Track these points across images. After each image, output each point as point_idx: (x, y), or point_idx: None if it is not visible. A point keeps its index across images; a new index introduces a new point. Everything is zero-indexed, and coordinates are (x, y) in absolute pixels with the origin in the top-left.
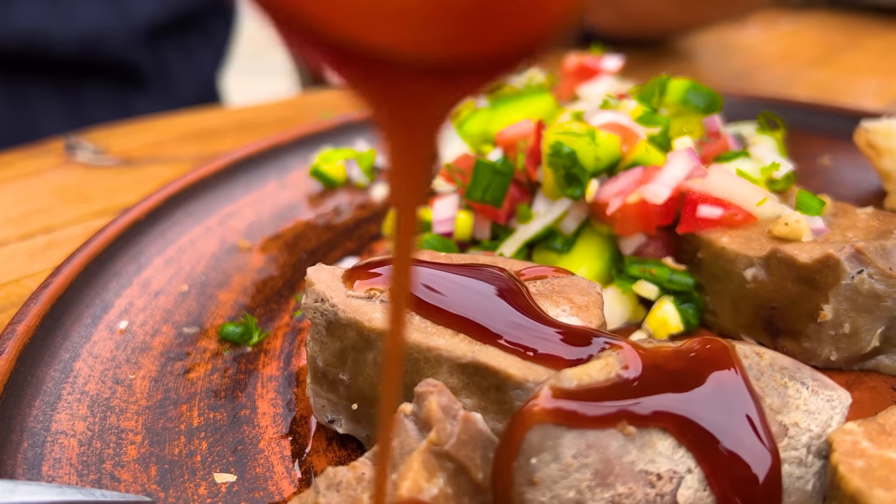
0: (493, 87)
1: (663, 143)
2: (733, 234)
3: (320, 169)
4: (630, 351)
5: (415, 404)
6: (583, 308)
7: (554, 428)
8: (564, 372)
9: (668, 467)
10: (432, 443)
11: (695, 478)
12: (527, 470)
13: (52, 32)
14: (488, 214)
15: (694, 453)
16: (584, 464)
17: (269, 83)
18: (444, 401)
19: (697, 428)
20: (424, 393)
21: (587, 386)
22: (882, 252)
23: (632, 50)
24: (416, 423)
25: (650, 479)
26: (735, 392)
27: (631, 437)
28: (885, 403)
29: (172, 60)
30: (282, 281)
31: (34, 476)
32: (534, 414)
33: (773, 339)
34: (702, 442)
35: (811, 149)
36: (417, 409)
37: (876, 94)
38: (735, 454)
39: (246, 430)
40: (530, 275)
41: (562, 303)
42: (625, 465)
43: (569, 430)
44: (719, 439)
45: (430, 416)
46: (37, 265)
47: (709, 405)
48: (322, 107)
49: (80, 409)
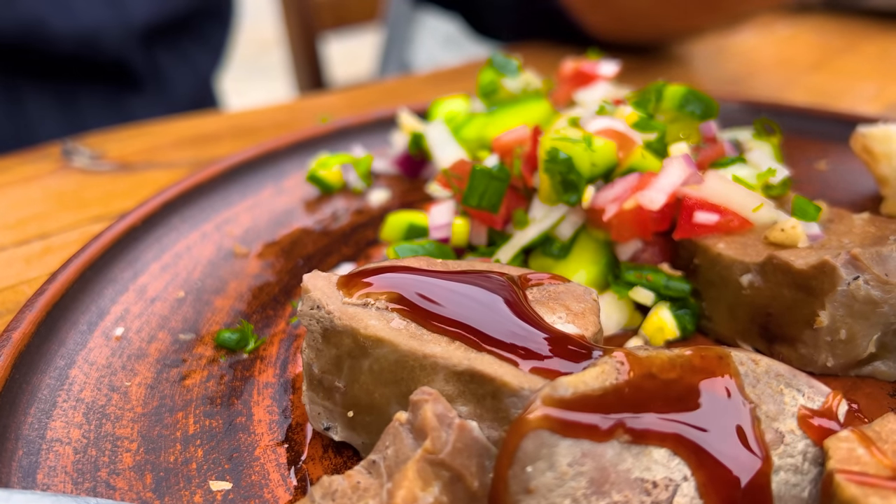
0: (492, 90)
1: (660, 148)
2: (729, 240)
3: (317, 174)
4: (626, 359)
5: (410, 413)
6: (579, 315)
7: (549, 436)
8: (560, 380)
9: (663, 475)
10: (427, 451)
11: (691, 486)
12: (522, 478)
13: (51, 24)
14: (485, 220)
15: (689, 462)
16: (579, 472)
17: (266, 87)
18: (440, 409)
19: (693, 437)
20: (419, 401)
21: (583, 394)
22: (878, 258)
23: (628, 55)
24: (411, 432)
25: (646, 486)
26: (730, 401)
27: (626, 446)
28: (881, 409)
29: (168, 63)
30: (278, 287)
31: (29, 484)
32: (529, 422)
33: (770, 345)
34: (697, 451)
35: (807, 154)
36: (412, 418)
37: (872, 98)
38: (729, 463)
39: (242, 437)
40: (526, 281)
41: (558, 310)
42: (620, 474)
43: (564, 438)
44: (714, 448)
45: (426, 425)
46: (33, 271)
47: (704, 414)
48: (319, 111)
49: (75, 416)
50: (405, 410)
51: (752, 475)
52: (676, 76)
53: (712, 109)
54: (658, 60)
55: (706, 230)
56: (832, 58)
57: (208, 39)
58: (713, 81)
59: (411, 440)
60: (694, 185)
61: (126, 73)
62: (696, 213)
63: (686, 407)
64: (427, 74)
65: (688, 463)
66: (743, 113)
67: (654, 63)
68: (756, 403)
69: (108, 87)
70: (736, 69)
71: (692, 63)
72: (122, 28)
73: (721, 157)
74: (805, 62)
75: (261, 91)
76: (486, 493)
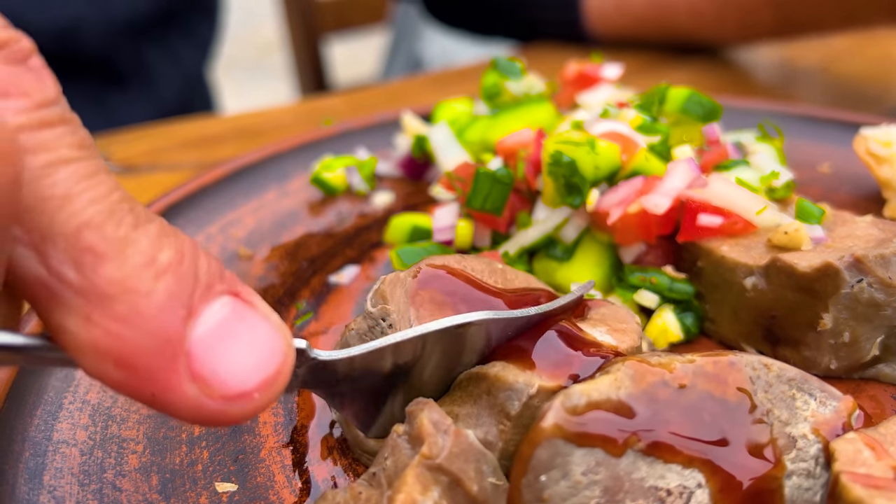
0: (495, 93)
1: (663, 151)
2: (733, 242)
3: (321, 177)
4: (639, 366)
5: (406, 423)
6: (618, 331)
7: (564, 445)
8: (573, 388)
9: (678, 482)
10: (425, 456)
11: (705, 493)
12: (536, 487)
13: (27, 18)
14: (488, 223)
15: (703, 470)
16: (593, 481)
17: (269, 89)
18: (435, 416)
19: (707, 445)
20: (415, 410)
21: (597, 402)
22: (882, 261)
23: (631, 58)
24: (408, 442)
25: (660, 495)
26: (743, 407)
27: (640, 454)
28: (885, 412)
29: (153, 59)
30: (283, 289)
31: (36, 486)
32: (543, 431)
33: (773, 347)
34: (710, 459)
35: (810, 156)
36: (409, 428)
37: (876, 101)
38: (743, 469)
39: (247, 439)
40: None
41: (599, 325)
42: (634, 482)
43: (579, 447)
44: (728, 456)
45: (422, 432)
46: None
47: (717, 421)
48: (322, 114)
49: (81, 418)
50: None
51: (766, 481)
52: (679, 79)
53: (715, 112)
54: (661, 63)
55: (710, 233)
56: (836, 60)
57: (195, 34)
58: (716, 84)
59: (409, 449)
60: (697, 188)
61: (109, 69)
62: (699, 216)
63: (699, 415)
64: (430, 76)
65: (702, 470)
66: (746, 115)
67: (656, 65)
68: (769, 408)
69: (91, 83)
70: (739, 72)
71: (695, 65)
72: (104, 22)
73: (724, 160)
74: (808, 64)
75: (263, 93)
76: (485, 497)
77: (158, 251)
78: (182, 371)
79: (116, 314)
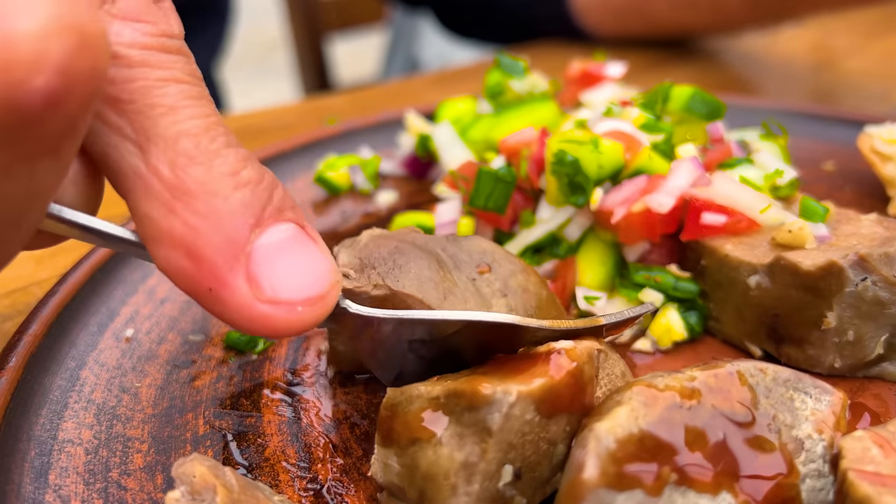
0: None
1: (667, 150)
2: (737, 241)
3: (324, 176)
4: (647, 391)
5: (178, 487)
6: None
7: (606, 493)
8: (599, 428)
9: None
10: (224, 501)
11: None
12: None
13: None
14: (491, 221)
15: (730, 491)
16: None
17: (272, 87)
18: (207, 462)
19: (728, 465)
20: (183, 471)
21: (624, 439)
22: (886, 259)
23: (634, 56)
24: (193, 501)
25: None
26: (751, 418)
27: (674, 486)
28: (889, 410)
29: None
30: None
31: (41, 485)
32: (586, 483)
33: (777, 346)
34: (733, 478)
35: (814, 154)
36: (186, 489)
37: (879, 98)
38: (762, 482)
39: (251, 438)
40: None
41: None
42: None
43: (620, 492)
44: (747, 470)
45: (206, 481)
46: (43, 273)
47: (732, 438)
48: (326, 113)
49: (86, 417)
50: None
51: (785, 489)
52: (683, 77)
53: (719, 110)
54: (664, 61)
55: (714, 231)
56: (839, 57)
57: (204, 34)
58: (719, 82)
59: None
60: (701, 187)
61: None
62: (703, 214)
63: (715, 433)
64: (433, 75)
65: (729, 491)
66: (749, 114)
67: (660, 64)
68: (773, 414)
69: None
70: (742, 70)
71: (699, 63)
72: None
73: (728, 158)
74: (811, 62)
75: (266, 92)
76: None
77: (242, 168)
78: (240, 270)
79: (195, 209)
